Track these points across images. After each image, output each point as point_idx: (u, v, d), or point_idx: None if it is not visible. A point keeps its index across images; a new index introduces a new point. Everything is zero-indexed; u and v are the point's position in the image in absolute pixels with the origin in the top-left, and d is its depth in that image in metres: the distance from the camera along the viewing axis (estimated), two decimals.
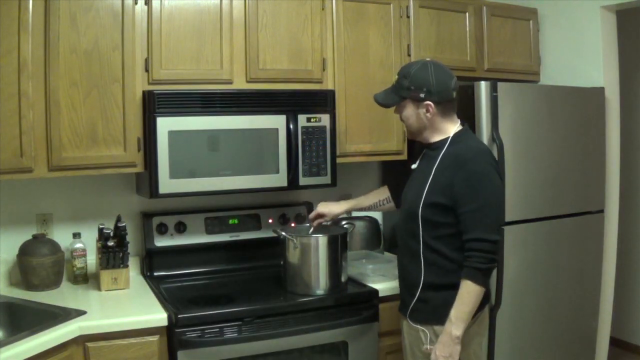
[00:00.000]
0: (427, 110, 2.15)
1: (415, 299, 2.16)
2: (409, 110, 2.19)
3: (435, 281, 2.12)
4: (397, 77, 2.21)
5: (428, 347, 2.12)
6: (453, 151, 2.14)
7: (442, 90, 2.14)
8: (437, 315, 2.10)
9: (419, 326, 2.16)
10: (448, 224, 2.09)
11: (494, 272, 2.45)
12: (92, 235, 2.70)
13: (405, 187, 2.32)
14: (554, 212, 2.97)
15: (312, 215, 2.61)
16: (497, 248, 2.06)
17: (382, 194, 2.61)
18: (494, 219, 2.08)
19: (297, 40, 2.76)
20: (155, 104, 2.44)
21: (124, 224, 2.57)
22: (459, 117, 2.27)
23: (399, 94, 2.19)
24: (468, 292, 2.02)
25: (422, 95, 2.13)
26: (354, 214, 3.27)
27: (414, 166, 2.31)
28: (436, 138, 2.20)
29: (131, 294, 2.53)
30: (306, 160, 2.70)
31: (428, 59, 2.20)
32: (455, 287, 2.06)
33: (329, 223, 2.66)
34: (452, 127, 2.19)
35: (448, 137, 2.18)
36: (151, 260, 2.78)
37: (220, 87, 2.61)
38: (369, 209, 2.64)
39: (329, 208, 2.58)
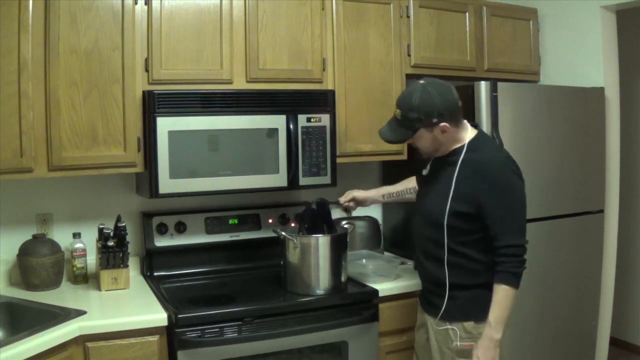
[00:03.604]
0: (443, 131, 2.11)
1: (445, 298, 2.16)
2: (425, 138, 2.15)
3: (463, 282, 2.14)
4: (399, 111, 2.13)
5: (459, 343, 2.13)
6: (473, 160, 2.13)
7: (450, 106, 2.10)
8: (465, 312, 2.12)
9: (447, 325, 2.17)
10: (474, 230, 2.11)
11: None
12: (92, 235, 2.70)
13: (421, 193, 2.32)
14: (554, 212, 2.96)
15: (343, 199, 2.66)
16: (526, 250, 2.11)
17: (410, 183, 2.63)
18: (521, 223, 2.12)
19: (297, 40, 2.76)
20: (155, 104, 2.44)
21: (124, 224, 2.57)
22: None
23: (411, 128, 2.13)
24: (505, 297, 2.05)
25: (434, 120, 2.09)
26: (354, 214, 3.28)
27: (425, 172, 2.29)
28: (452, 147, 2.18)
29: (131, 294, 2.53)
30: (306, 160, 2.70)
31: (422, 81, 2.13)
32: (482, 286, 2.10)
33: (355, 209, 2.72)
34: (466, 134, 2.18)
35: (464, 145, 2.16)
36: (151, 260, 2.78)
37: (220, 87, 2.61)
38: (397, 195, 2.67)
39: (363, 194, 2.66)
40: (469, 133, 2.19)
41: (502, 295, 2.05)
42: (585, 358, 3.22)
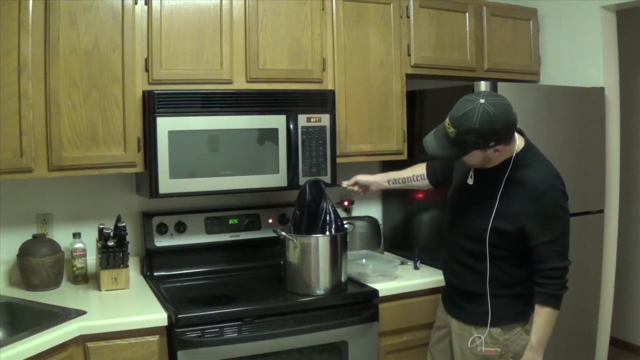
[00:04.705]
0: (497, 150, 2.04)
1: (474, 304, 2.16)
2: (476, 156, 2.06)
3: (493, 292, 2.13)
4: (454, 130, 1.96)
5: (484, 349, 2.13)
6: (520, 178, 2.06)
7: (510, 128, 2.00)
8: (494, 318, 2.11)
9: (473, 329, 2.16)
10: (511, 246, 2.09)
11: None
12: (92, 235, 2.70)
13: (461, 203, 2.25)
14: None
15: (347, 183, 2.67)
16: (568, 270, 2.07)
17: (417, 169, 2.58)
18: (565, 246, 2.08)
19: (297, 40, 2.76)
20: (155, 104, 2.44)
21: (124, 224, 2.57)
22: None
23: (464, 148, 2.01)
24: (548, 319, 2.05)
25: (491, 143, 1.99)
26: (354, 213, 3.28)
27: (470, 182, 2.20)
28: (500, 161, 2.11)
29: (131, 294, 2.53)
30: (306, 160, 2.70)
31: (482, 101, 1.93)
32: (511, 296, 2.11)
33: (361, 193, 2.71)
34: (514, 146, 2.09)
35: (511, 158, 2.08)
36: (151, 260, 2.78)
37: (220, 87, 2.61)
38: (403, 181, 2.61)
39: (367, 178, 2.65)
40: (517, 144, 2.10)
41: (545, 317, 2.04)
42: (585, 358, 3.22)
